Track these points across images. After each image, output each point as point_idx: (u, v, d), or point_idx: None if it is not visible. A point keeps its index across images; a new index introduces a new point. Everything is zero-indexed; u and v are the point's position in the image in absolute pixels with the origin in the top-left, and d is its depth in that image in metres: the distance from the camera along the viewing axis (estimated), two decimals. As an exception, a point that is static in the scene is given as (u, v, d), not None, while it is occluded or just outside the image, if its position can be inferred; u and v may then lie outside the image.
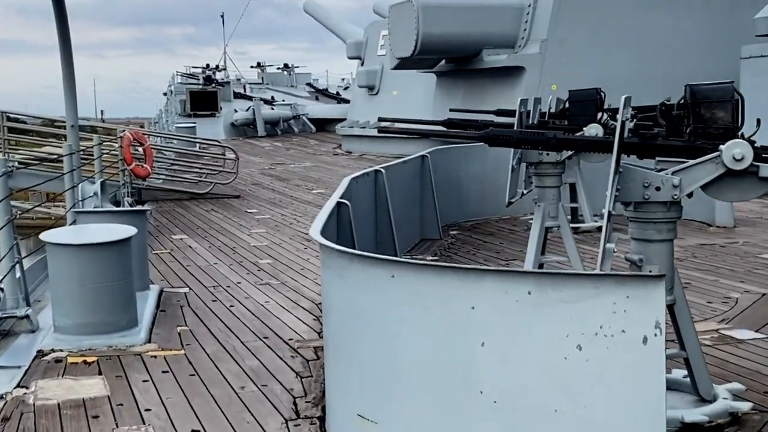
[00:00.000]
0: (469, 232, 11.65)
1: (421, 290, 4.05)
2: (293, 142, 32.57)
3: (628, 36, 20.01)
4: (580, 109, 7.80)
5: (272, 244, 11.07)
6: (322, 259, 4.82)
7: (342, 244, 6.84)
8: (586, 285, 3.73)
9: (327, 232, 5.56)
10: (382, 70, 26.04)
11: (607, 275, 3.77)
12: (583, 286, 3.73)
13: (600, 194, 12.01)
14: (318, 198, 15.86)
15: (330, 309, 4.74)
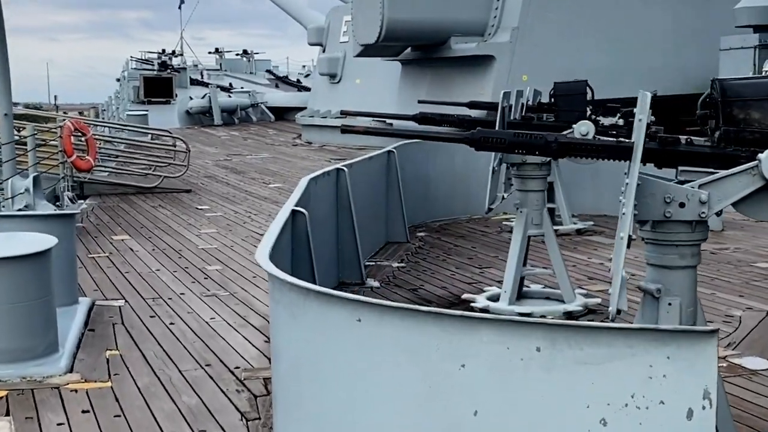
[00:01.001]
0: (437, 233, 10.75)
1: (395, 340, 3.13)
2: (251, 132, 31.47)
3: (603, 25, 19.22)
4: (568, 103, 6.91)
5: (223, 246, 10.09)
6: (270, 290, 3.89)
7: (298, 261, 5.94)
8: (616, 341, 2.84)
9: (279, 250, 4.62)
10: (345, 58, 25.04)
11: (642, 329, 2.88)
12: (610, 343, 2.84)
13: (579, 194, 11.17)
14: (275, 193, 14.88)
15: (280, 353, 3.81)
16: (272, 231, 4.53)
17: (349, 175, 8.07)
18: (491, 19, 19.38)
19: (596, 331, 2.85)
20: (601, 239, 10.16)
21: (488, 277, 8.29)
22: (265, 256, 3.87)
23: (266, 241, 4.27)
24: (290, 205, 5.68)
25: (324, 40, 26.45)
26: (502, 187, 7.28)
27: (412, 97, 21.31)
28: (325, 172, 7.66)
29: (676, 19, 19.42)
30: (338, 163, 9.95)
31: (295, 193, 6.23)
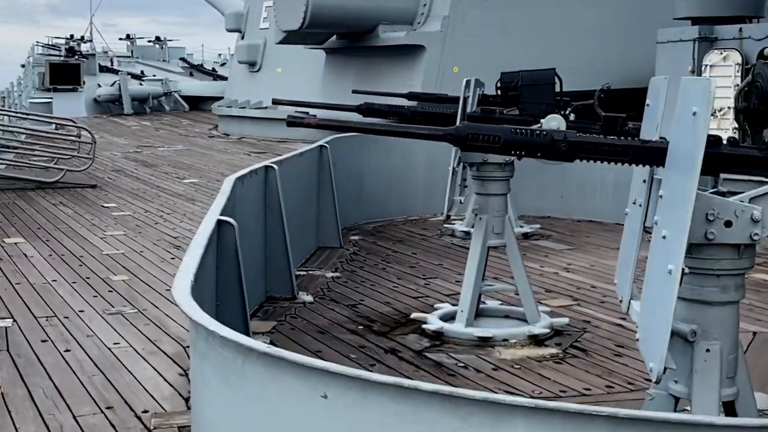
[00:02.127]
0: (372, 237, 9.76)
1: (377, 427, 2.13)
2: (163, 122, 29.98)
3: (537, 16, 18.48)
4: (535, 95, 5.96)
5: (130, 252, 8.91)
6: (192, 339, 2.85)
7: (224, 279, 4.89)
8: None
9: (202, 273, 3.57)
10: (265, 45, 23.83)
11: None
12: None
13: (527, 194, 10.28)
14: (190, 189, 13.68)
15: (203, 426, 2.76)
16: (194, 253, 3.47)
17: (279, 173, 7.01)
18: (421, 7, 18.48)
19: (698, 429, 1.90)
20: (551, 244, 9.31)
21: (435, 290, 7.33)
22: (185, 292, 2.82)
23: (186, 269, 3.21)
24: (215, 213, 4.61)
25: (243, 26, 25.17)
26: (457, 189, 6.35)
27: (337, 88, 20.28)
28: (252, 171, 6.59)
29: (613, 10, 18.79)
30: (264, 159, 8.92)
31: (219, 198, 5.15)
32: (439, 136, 3.24)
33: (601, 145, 3.08)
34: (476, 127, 3.12)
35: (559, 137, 3.06)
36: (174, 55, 49.40)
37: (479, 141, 3.07)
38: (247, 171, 6.45)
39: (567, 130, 3.18)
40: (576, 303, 6.78)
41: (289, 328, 6.16)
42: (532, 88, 5.92)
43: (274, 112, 22.76)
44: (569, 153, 3.07)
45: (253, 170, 6.64)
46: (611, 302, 6.81)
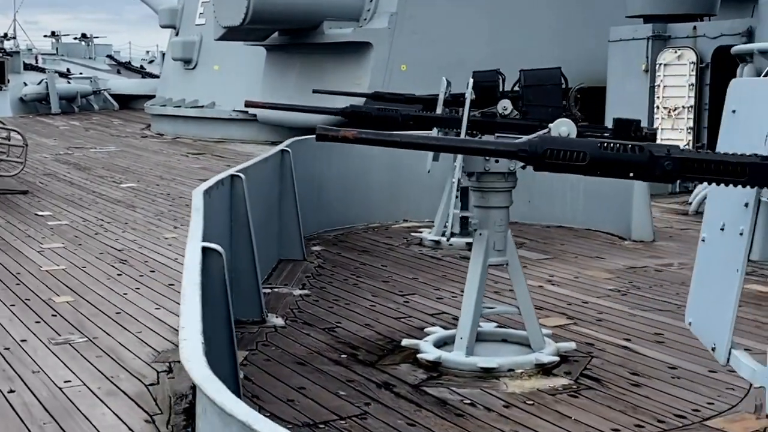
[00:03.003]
0: (336, 247, 9.10)
1: None
2: (93, 122, 28.82)
3: (487, 13, 18.00)
4: (542, 96, 5.36)
5: (72, 268, 8.11)
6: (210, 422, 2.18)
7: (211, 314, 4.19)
8: None
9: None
10: (201, 42, 22.94)
11: None
12: None
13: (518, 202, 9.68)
14: (129, 195, 12.83)
15: None
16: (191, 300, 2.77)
17: (245, 183, 6.31)
18: (367, 3, 17.85)
19: None
20: (526, 253, 8.74)
21: (415, 308, 6.72)
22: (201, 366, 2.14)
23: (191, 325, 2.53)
24: (196, 238, 3.91)
25: (177, 22, 24.22)
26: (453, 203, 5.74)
27: (280, 86, 19.56)
28: (218, 182, 5.87)
29: (565, 8, 18.40)
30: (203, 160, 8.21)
31: (195, 220, 4.44)
32: (509, 153, 2.63)
33: (713, 164, 2.49)
34: (553, 141, 2.52)
35: (660, 153, 2.48)
36: (100, 53, 48.05)
37: (560, 158, 2.47)
38: (213, 182, 5.73)
39: (669, 145, 2.58)
40: (572, 322, 6.23)
41: (263, 359, 5.48)
42: (536, 89, 5.32)
43: (211, 111, 21.95)
44: (672, 173, 2.49)
45: (219, 181, 5.93)
46: (608, 320, 6.29)
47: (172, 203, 12.03)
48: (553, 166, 2.53)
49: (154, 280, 7.65)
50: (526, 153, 2.55)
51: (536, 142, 2.52)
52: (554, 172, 2.73)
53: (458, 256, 8.58)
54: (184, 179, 14.64)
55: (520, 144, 2.56)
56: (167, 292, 7.22)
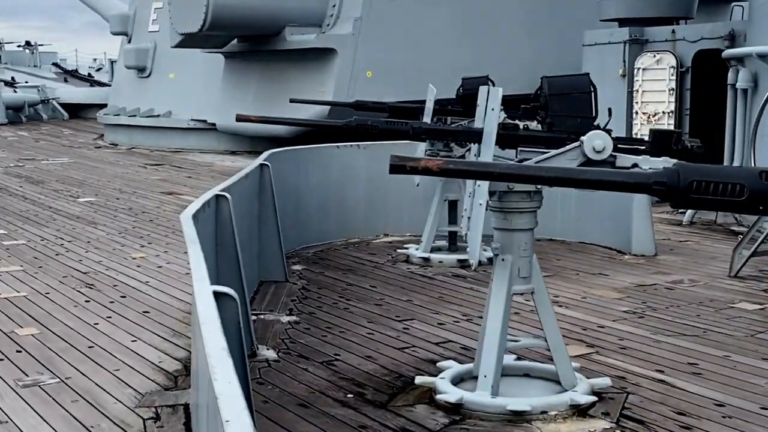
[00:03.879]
0: (317, 266, 8.52)
1: None
2: (43, 132, 27.85)
3: (456, 16, 17.55)
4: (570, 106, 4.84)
5: (34, 294, 7.43)
6: None
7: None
8: None
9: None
10: (155, 49, 22.18)
11: None
12: None
13: None
14: (88, 210, 12.11)
15: None
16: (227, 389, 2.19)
17: (231, 203, 5.72)
18: (330, 8, 17.28)
19: None
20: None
21: (417, 336, 6.17)
22: None
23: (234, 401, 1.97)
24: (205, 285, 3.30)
25: (129, 29, 23.43)
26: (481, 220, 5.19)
27: (239, 95, 18.92)
28: (205, 204, 5.27)
29: (536, 11, 18.01)
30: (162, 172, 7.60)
31: (194, 257, 3.80)
32: (641, 187, 2.10)
33: None
34: (698, 170, 1.99)
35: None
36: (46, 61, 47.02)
37: (709, 192, 1.94)
38: (199, 205, 5.12)
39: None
40: (594, 351, 5.73)
41: (261, 401, 4.89)
42: (563, 98, 4.80)
43: (168, 121, 21.23)
44: None
45: (206, 203, 5.32)
46: (633, 348, 5.80)
47: (135, 219, 11.35)
48: (700, 203, 2.03)
49: (126, 307, 7.00)
50: (664, 186, 2.04)
51: (675, 173, 2.01)
52: (700, 209, 2.22)
53: (450, 275, 8.06)
54: (145, 192, 13.95)
55: (653, 176, 2.05)
56: (142, 320, 6.59)
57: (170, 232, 10.40)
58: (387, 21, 16.98)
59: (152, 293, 7.45)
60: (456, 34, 17.41)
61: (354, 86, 16.80)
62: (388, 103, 8.69)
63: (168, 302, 7.13)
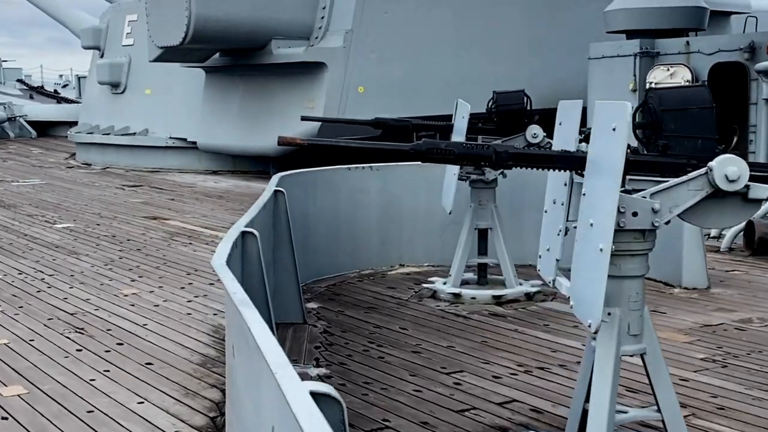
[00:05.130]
0: (334, 304, 7.62)
1: None
2: (11, 151, 26.65)
3: (451, 28, 16.76)
4: (688, 124, 3.99)
5: (18, 341, 6.46)
6: None
7: None
8: None
9: None
10: (130, 63, 21.18)
11: None
12: None
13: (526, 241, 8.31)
14: (68, 238, 11.11)
15: None
16: None
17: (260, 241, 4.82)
18: (318, 20, 16.42)
19: None
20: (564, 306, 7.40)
21: (474, 394, 5.29)
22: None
23: None
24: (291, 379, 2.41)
25: (102, 43, 22.40)
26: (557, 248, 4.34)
27: (221, 111, 17.99)
28: (233, 245, 4.36)
29: (537, 22, 17.26)
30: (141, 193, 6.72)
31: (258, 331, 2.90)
32: None
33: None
34: None
35: None
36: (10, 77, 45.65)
37: None
38: (228, 248, 4.22)
39: None
40: (690, 413, 4.88)
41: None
42: (681, 114, 3.96)
43: (145, 139, 20.25)
44: None
45: (234, 243, 4.41)
46: (732, 408, 4.96)
47: (121, 248, 10.38)
48: None
49: (125, 357, 6.07)
50: None
51: None
52: None
53: (487, 313, 7.20)
54: (127, 217, 12.97)
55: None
56: (147, 375, 5.67)
57: (161, 263, 9.46)
58: (379, 33, 16.15)
59: (153, 339, 6.51)
60: (453, 46, 16.62)
61: (345, 102, 15.95)
62: (412, 121, 7.83)
63: (173, 351, 6.20)
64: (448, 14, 16.65)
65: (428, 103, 15.95)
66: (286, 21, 16.15)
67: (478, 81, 16.59)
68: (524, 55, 16.96)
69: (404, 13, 16.35)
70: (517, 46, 17.05)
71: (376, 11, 16.10)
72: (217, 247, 4.27)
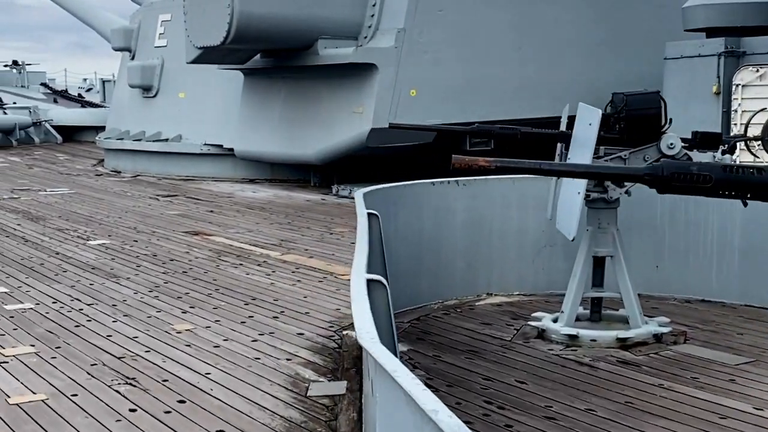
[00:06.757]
0: (425, 345, 6.46)
1: None
2: (36, 157, 25.70)
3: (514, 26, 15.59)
4: None
5: (57, 396, 5.32)
6: None
7: None
8: None
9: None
10: (163, 66, 20.13)
11: None
12: None
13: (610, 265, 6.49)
14: (104, 257, 10.01)
15: None
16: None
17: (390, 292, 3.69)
18: (368, 18, 15.27)
19: None
20: (709, 353, 6.13)
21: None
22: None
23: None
24: None
25: (133, 44, 21.36)
26: None
27: (261, 116, 16.89)
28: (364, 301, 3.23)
29: (603, 20, 16.06)
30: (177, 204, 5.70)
31: None
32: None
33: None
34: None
35: None
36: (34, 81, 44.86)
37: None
38: (367, 312, 3.09)
39: None
40: None
41: None
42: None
43: (178, 146, 19.18)
44: None
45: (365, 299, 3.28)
46: None
47: (164, 269, 9.28)
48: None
49: (189, 421, 4.94)
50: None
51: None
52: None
53: (615, 360, 6.01)
54: (166, 232, 11.87)
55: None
56: (221, 449, 4.53)
57: (213, 289, 8.34)
58: (433, 32, 14.99)
59: (220, 394, 5.38)
60: (513, 46, 15.44)
61: (396, 106, 14.81)
62: (521, 129, 6.66)
63: (247, 413, 5.06)
64: (507, 12, 15.47)
65: (485, 107, 14.82)
66: (333, 19, 15.01)
67: (540, 84, 15.46)
68: (591, 56, 15.78)
69: (460, 11, 15.18)
70: (584, 46, 15.86)
71: (430, 9, 14.95)
72: (353, 312, 3.13)
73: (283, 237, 11.38)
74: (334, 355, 6.24)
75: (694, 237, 7.58)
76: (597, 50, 15.92)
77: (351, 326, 6.94)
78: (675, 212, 7.68)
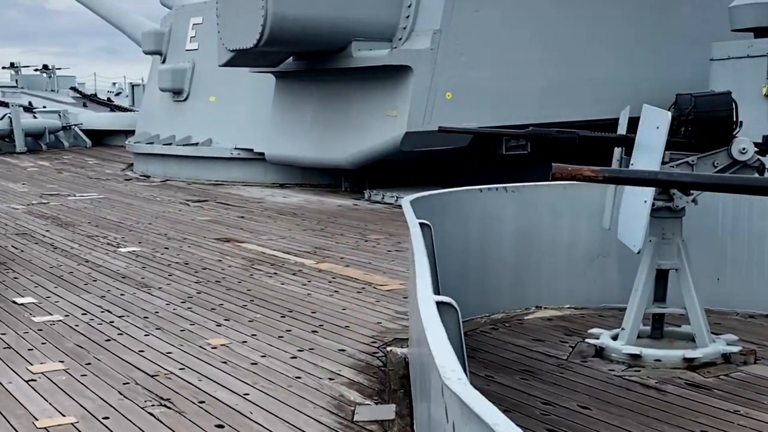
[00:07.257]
0: (477, 364, 6.06)
1: None
2: (65, 162, 25.53)
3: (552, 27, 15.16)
4: None
5: (87, 419, 4.99)
6: None
7: None
8: None
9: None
10: (194, 69, 19.87)
11: None
12: None
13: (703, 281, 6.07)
14: (135, 265, 9.71)
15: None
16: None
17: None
18: (403, 19, 14.90)
19: None
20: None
21: None
22: None
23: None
24: None
25: (164, 47, 21.13)
26: None
27: (293, 120, 16.55)
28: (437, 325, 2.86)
29: (645, 21, 15.60)
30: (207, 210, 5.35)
31: None
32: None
33: None
34: None
35: None
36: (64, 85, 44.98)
37: None
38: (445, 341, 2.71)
39: None
40: None
41: None
42: None
43: (208, 150, 18.91)
44: None
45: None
46: None
47: (197, 278, 8.95)
48: None
49: (229, 449, 4.57)
50: None
51: None
52: None
53: (683, 383, 5.59)
54: (197, 238, 11.56)
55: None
56: (264, 483, 4.16)
57: (248, 300, 8.00)
58: (470, 34, 14.60)
59: (260, 419, 5.02)
60: (552, 48, 15.02)
61: (432, 109, 14.43)
62: (579, 133, 6.26)
63: (292, 439, 4.69)
64: (546, 13, 15.05)
65: (522, 111, 14.41)
66: (367, 21, 14.66)
67: (578, 86, 15.03)
68: (633, 58, 15.33)
69: (498, 13, 14.78)
70: (626, 47, 15.42)
71: (466, 10, 14.55)
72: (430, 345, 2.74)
73: (317, 244, 11.02)
74: (379, 374, 5.86)
75: (759, 248, 7.13)
76: (639, 51, 15.47)
77: (395, 342, 6.58)
78: (738, 221, 7.24)
